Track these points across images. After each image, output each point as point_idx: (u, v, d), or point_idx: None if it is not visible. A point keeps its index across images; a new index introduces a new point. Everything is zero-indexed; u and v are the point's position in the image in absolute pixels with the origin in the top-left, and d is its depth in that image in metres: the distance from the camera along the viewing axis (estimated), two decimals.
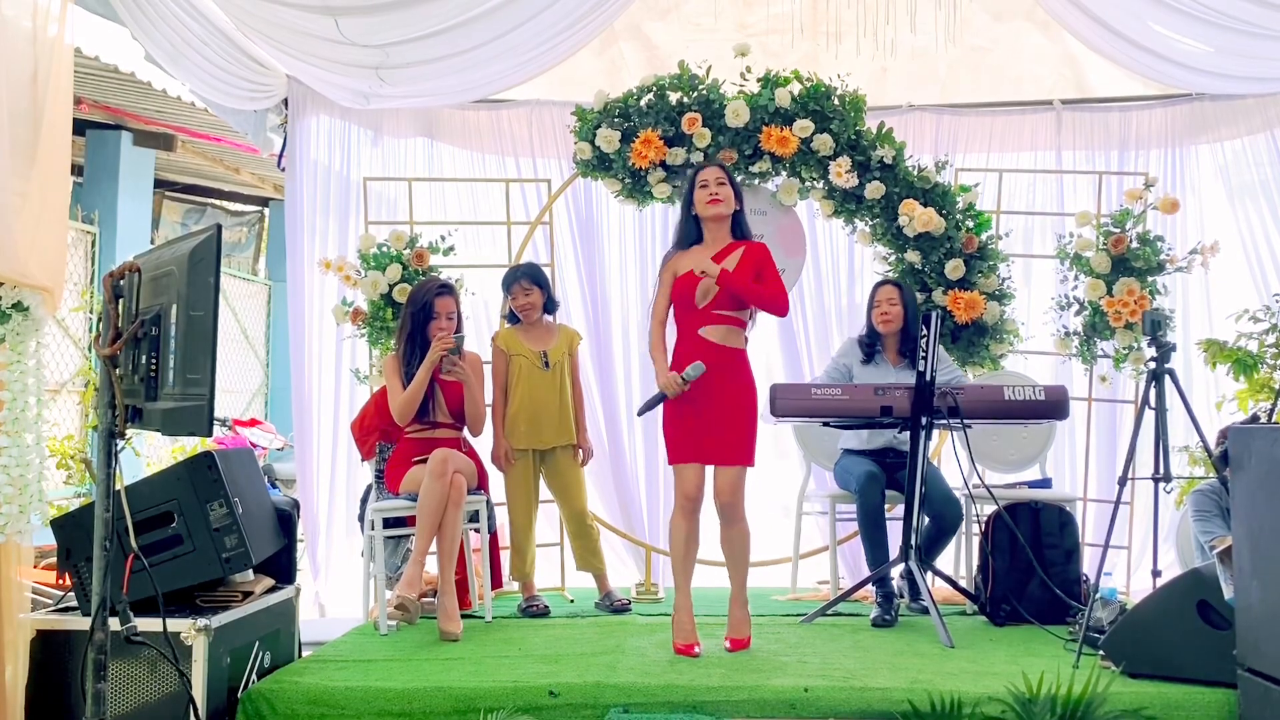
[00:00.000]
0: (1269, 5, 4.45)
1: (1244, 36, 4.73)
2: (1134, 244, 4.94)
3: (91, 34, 5.11)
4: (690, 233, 3.82)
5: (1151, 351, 3.83)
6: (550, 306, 4.66)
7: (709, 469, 3.70)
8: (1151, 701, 3.04)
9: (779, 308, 3.73)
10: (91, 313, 6.63)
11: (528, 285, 4.56)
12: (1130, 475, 3.71)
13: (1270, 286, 5.34)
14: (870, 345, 4.61)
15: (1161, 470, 3.73)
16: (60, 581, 3.42)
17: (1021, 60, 5.74)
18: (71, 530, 3.24)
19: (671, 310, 3.79)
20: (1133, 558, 5.07)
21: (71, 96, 3.52)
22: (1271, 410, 4.26)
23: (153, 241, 7.68)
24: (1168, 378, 3.76)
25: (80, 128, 6.75)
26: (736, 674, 3.32)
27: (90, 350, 6.59)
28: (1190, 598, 3.21)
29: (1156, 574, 3.80)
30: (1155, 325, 3.83)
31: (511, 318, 4.67)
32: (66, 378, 6.54)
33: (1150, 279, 4.95)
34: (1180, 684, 3.12)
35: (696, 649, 3.61)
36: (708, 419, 3.64)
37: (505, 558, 4.63)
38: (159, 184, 7.99)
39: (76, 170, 6.95)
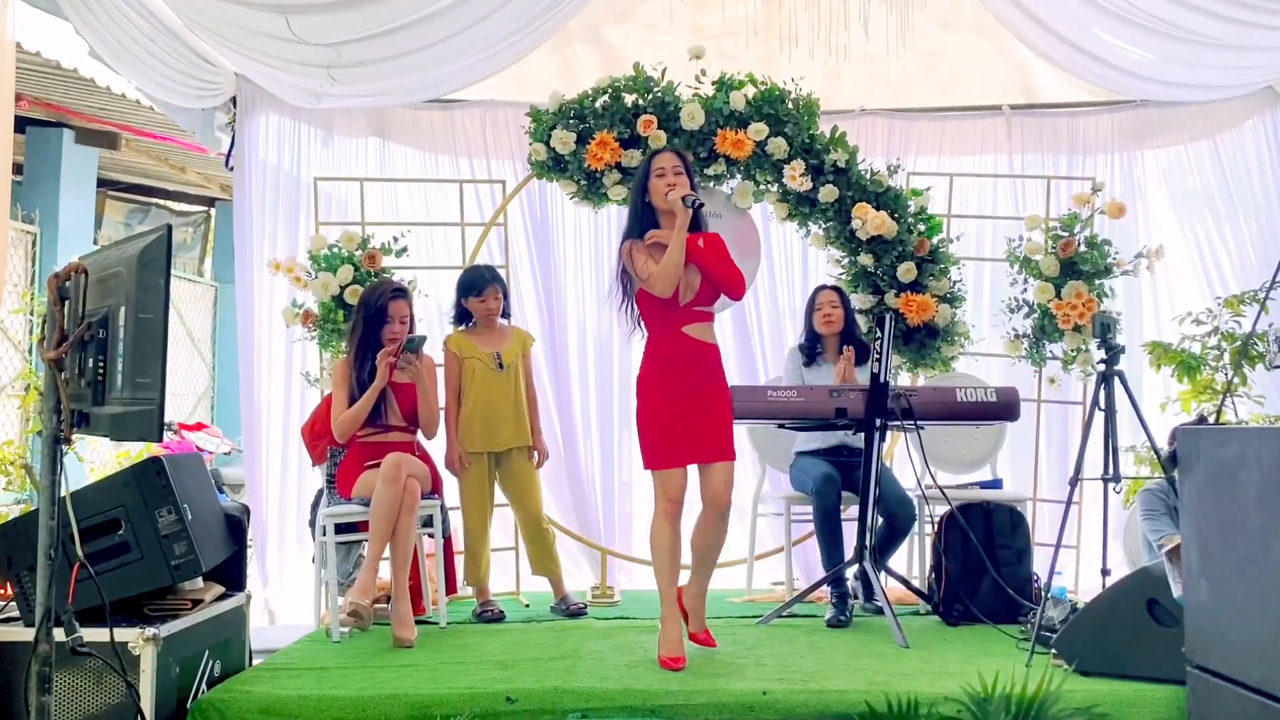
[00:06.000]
0: (1209, 14, 4.54)
1: (1186, 45, 4.83)
2: (1082, 247, 5.02)
3: (33, 29, 5.00)
4: (646, 223, 3.58)
5: (1100, 354, 3.88)
6: (506, 310, 4.63)
7: (694, 468, 3.56)
8: (1103, 699, 3.08)
9: (738, 289, 3.63)
10: (33, 315, 6.48)
11: (498, 291, 4.51)
12: (1080, 476, 3.76)
13: (1214, 289, 5.46)
14: (811, 348, 4.68)
15: (1111, 471, 3.78)
16: (1, 591, 3.33)
17: (972, 66, 5.81)
18: (13, 538, 3.15)
19: (638, 309, 3.62)
20: (1081, 557, 5.14)
21: (11, 93, 3.44)
22: (1217, 412, 4.36)
23: (95, 242, 7.53)
24: (1117, 379, 3.82)
25: (20, 125, 6.59)
26: (694, 678, 3.31)
27: (31, 353, 6.44)
28: (1140, 596, 3.25)
29: (1105, 573, 3.85)
30: (1104, 328, 3.88)
31: (460, 319, 4.61)
32: (6, 381, 6.38)
33: (1098, 282, 5.03)
34: (1131, 681, 3.16)
35: (684, 663, 3.46)
36: (694, 419, 3.50)
37: (460, 562, 4.59)
38: (102, 183, 7.83)
39: (16, 168, 6.78)
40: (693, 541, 3.63)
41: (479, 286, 4.49)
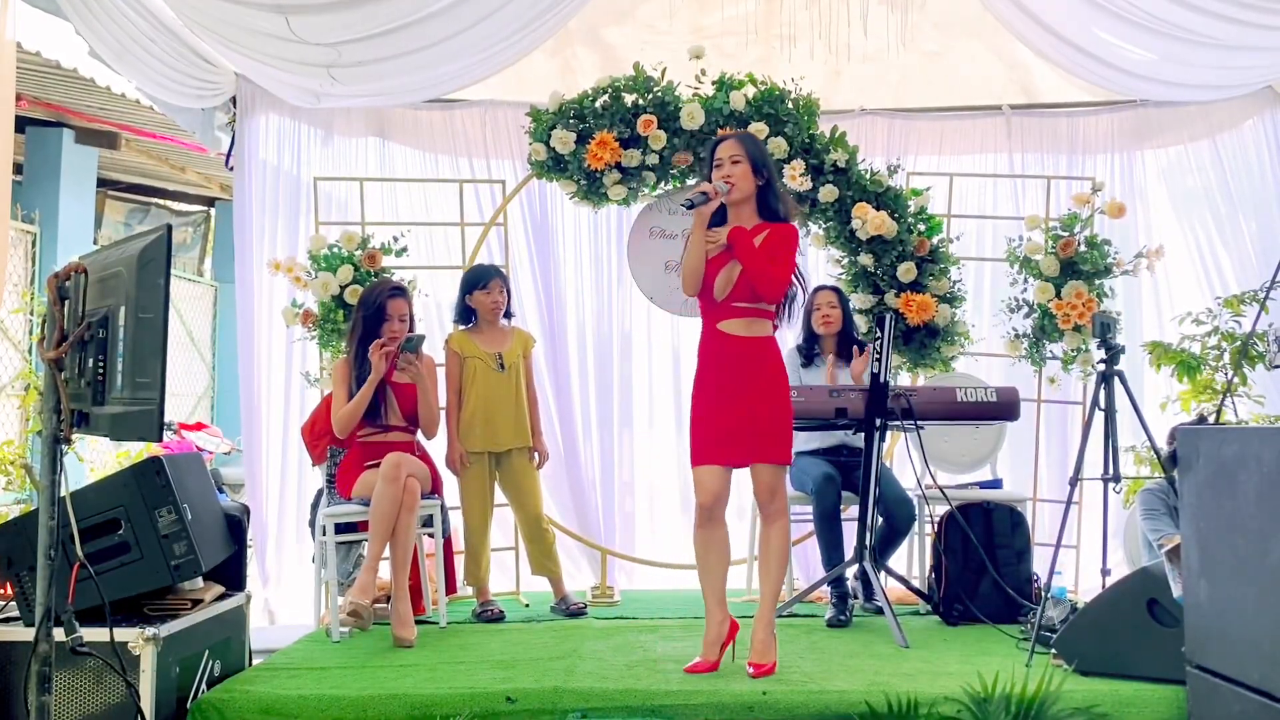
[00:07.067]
0: (1209, 14, 4.54)
1: (1186, 45, 4.83)
2: (1082, 247, 5.01)
3: (33, 29, 5.00)
4: (716, 212, 3.42)
5: (1100, 354, 3.88)
6: (508, 310, 4.64)
7: (744, 471, 3.43)
8: (1103, 699, 3.08)
9: (770, 290, 3.36)
10: (32, 314, 6.47)
11: (501, 285, 4.53)
12: (1080, 476, 3.76)
13: (1214, 289, 5.45)
14: (810, 349, 4.69)
15: (1111, 471, 3.78)
16: (1, 591, 3.33)
17: (972, 66, 5.81)
18: (13, 538, 3.15)
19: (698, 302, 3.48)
20: (1081, 557, 5.15)
21: (12, 93, 3.44)
22: (1217, 412, 4.35)
23: (95, 241, 7.53)
24: (1117, 379, 3.82)
25: (20, 125, 6.58)
26: (694, 678, 3.31)
27: (31, 353, 6.43)
28: (1140, 596, 3.25)
29: (1105, 573, 3.86)
30: (1104, 328, 3.88)
31: (463, 317, 4.61)
32: (6, 381, 6.37)
33: (1098, 282, 5.03)
34: (1131, 681, 3.17)
35: (714, 669, 3.39)
36: (736, 416, 3.35)
37: (460, 562, 4.59)
38: (102, 183, 7.82)
39: (16, 168, 6.78)
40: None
41: (484, 279, 4.52)
